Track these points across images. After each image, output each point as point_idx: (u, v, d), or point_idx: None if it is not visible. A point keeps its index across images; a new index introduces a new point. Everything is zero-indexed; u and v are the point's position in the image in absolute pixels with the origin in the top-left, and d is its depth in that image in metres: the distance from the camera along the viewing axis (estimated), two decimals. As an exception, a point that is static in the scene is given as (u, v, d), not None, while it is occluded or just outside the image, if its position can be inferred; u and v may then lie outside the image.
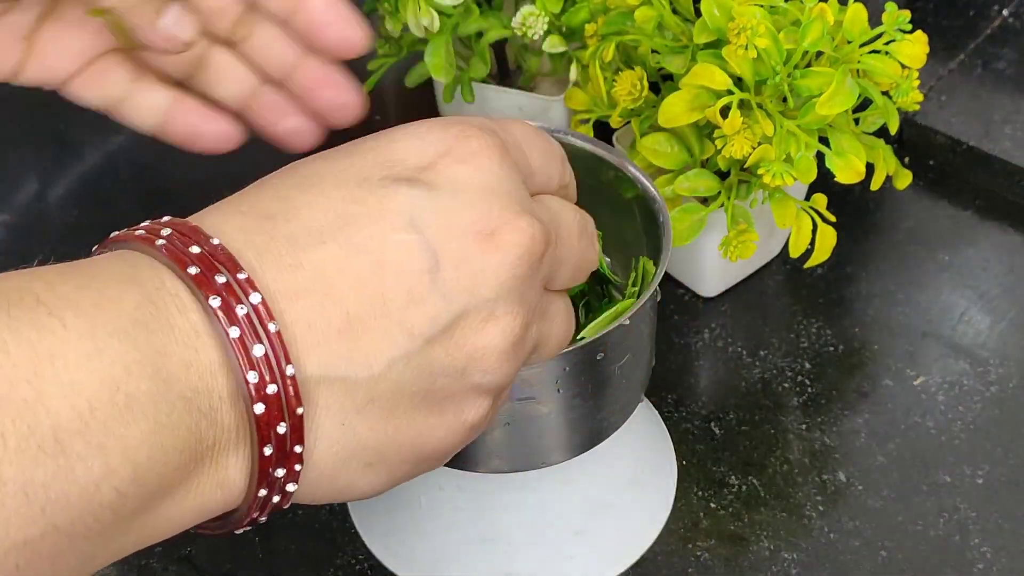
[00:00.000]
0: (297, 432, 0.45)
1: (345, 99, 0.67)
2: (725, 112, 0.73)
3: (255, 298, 0.44)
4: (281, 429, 0.45)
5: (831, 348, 0.84)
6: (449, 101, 0.89)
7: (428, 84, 0.97)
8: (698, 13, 0.75)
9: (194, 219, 0.49)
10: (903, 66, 0.75)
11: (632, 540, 0.74)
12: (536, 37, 0.83)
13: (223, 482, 0.45)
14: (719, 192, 0.77)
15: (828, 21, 0.73)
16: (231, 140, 0.69)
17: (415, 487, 0.73)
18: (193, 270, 0.45)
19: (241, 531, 0.49)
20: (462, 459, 0.65)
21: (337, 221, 0.48)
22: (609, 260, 0.69)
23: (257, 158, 1.03)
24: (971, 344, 0.83)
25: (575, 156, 0.69)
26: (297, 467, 0.46)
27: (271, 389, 0.44)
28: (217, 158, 0.99)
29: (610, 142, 0.86)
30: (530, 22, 0.83)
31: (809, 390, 0.82)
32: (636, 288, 0.66)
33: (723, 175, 0.78)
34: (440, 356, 0.48)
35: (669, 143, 0.77)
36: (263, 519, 0.49)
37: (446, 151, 0.51)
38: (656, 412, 0.80)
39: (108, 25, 0.63)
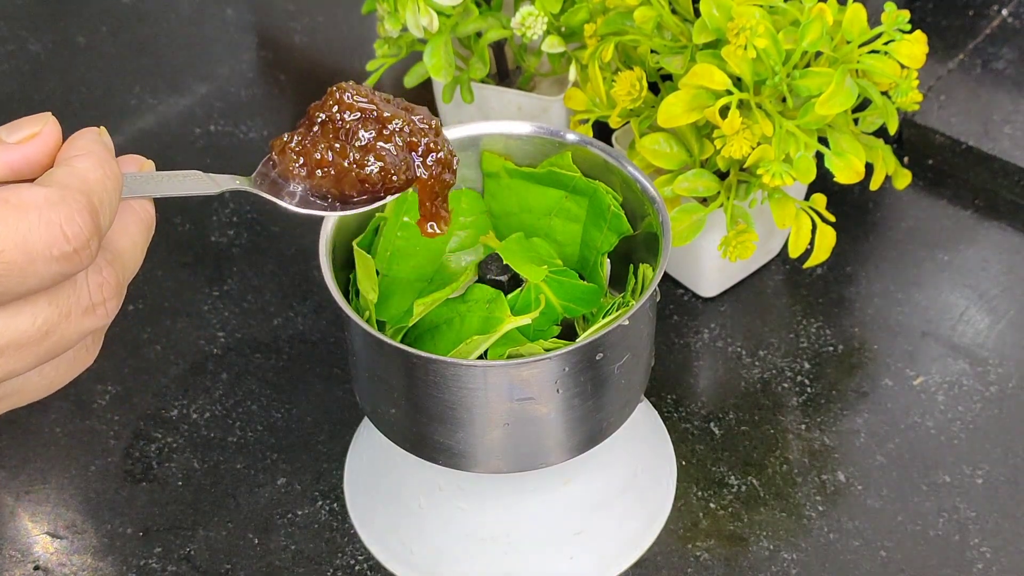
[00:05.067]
0: None
1: None
2: (724, 112, 0.73)
3: None
4: None
5: (831, 348, 0.84)
6: (448, 101, 0.89)
7: (427, 84, 0.97)
8: (697, 13, 0.75)
9: None
10: (902, 66, 0.75)
11: (632, 540, 0.74)
12: (535, 37, 0.83)
13: None
14: (718, 192, 0.77)
15: (827, 21, 0.73)
16: None
17: (415, 487, 0.73)
18: None
19: None
20: (462, 459, 0.65)
21: None
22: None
23: (253, 160, 1.03)
24: (970, 344, 0.83)
25: (575, 157, 0.69)
26: None
27: None
28: (215, 160, 0.99)
29: (609, 142, 0.86)
30: (529, 22, 0.83)
31: (809, 390, 0.82)
32: (636, 296, 0.66)
33: (722, 175, 0.78)
34: None
35: (668, 143, 0.77)
36: None
37: None
38: (656, 412, 0.80)
39: None
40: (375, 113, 0.54)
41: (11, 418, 0.82)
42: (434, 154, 0.55)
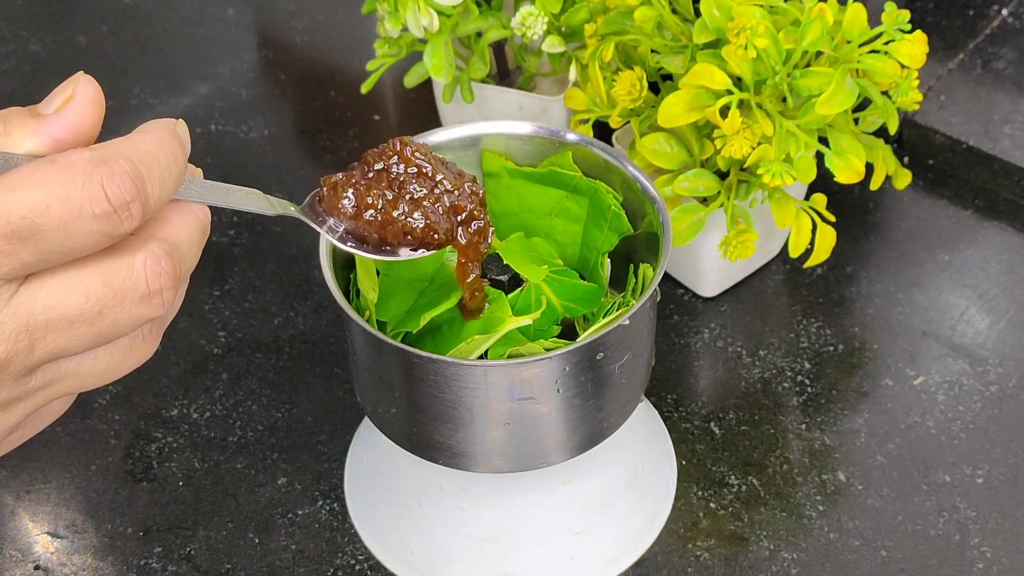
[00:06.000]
0: None
1: None
2: (724, 112, 0.73)
3: None
4: None
5: (831, 348, 0.84)
6: (448, 101, 0.89)
7: (427, 84, 0.97)
8: (697, 13, 0.75)
9: None
10: (902, 66, 0.75)
11: (632, 540, 0.74)
12: (535, 37, 0.83)
13: None
14: (719, 192, 0.77)
15: (828, 21, 0.73)
16: None
17: (415, 487, 0.73)
18: None
19: None
20: (462, 459, 0.66)
21: None
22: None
23: (253, 159, 1.03)
24: (971, 344, 0.83)
25: (576, 156, 0.69)
26: None
27: None
28: (217, 159, 0.99)
29: (610, 142, 0.86)
30: (529, 22, 0.83)
31: (809, 390, 0.82)
32: (636, 296, 0.66)
33: (723, 175, 0.78)
34: None
35: (669, 143, 0.77)
36: None
37: None
38: (656, 412, 0.80)
39: None
40: (430, 172, 0.56)
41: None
42: (476, 222, 0.58)
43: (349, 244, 0.55)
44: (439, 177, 0.57)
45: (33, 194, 0.41)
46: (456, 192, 0.57)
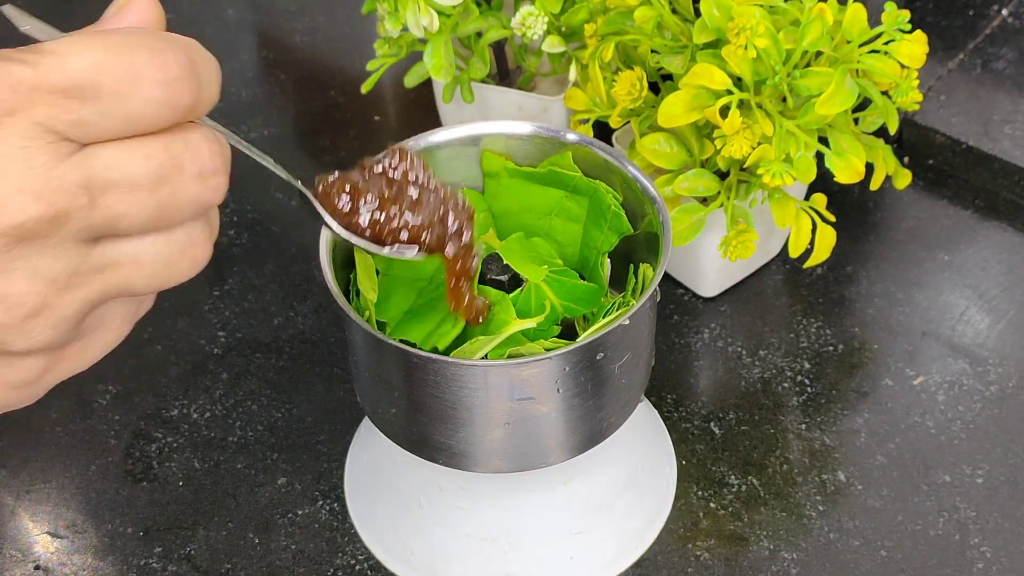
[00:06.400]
0: None
1: None
2: (724, 112, 0.73)
3: None
4: None
5: (831, 348, 0.84)
6: (448, 101, 0.89)
7: (427, 84, 0.97)
8: (697, 13, 0.75)
9: None
10: (902, 66, 0.75)
11: (632, 540, 0.74)
12: (535, 37, 0.83)
13: None
14: (719, 192, 0.77)
15: (827, 21, 0.73)
16: None
17: (415, 487, 0.73)
18: None
19: None
20: (462, 459, 0.66)
21: None
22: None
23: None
24: (971, 344, 0.83)
25: (576, 156, 0.69)
26: None
27: None
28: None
29: (610, 142, 0.86)
30: (529, 22, 0.83)
31: (809, 390, 0.82)
32: (636, 296, 0.66)
33: (723, 175, 0.78)
34: None
35: (669, 143, 0.77)
36: None
37: None
38: (656, 412, 0.80)
39: None
40: (426, 182, 0.59)
41: (12, 417, 0.82)
42: (466, 233, 0.60)
43: (346, 232, 0.57)
44: (434, 185, 0.59)
45: (93, 55, 0.41)
46: (449, 203, 0.59)
